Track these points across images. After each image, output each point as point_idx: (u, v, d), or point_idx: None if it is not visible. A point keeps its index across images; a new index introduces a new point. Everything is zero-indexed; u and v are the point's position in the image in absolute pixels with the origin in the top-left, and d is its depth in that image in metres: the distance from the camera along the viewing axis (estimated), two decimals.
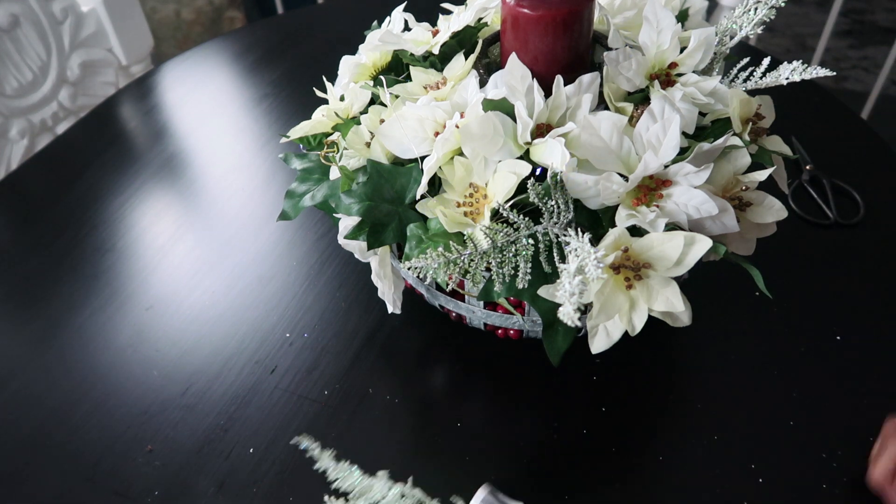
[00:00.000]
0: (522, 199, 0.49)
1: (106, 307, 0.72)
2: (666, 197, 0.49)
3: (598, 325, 0.49)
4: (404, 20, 0.63)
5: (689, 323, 0.49)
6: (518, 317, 0.59)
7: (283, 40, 1.09)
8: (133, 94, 1.00)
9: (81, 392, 0.65)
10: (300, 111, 0.95)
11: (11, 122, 1.05)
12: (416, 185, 0.53)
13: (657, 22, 0.54)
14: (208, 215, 0.82)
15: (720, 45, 0.57)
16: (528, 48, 0.53)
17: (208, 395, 0.64)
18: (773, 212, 0.53)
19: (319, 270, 0.74)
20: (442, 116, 0.53)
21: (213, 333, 0.69)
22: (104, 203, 0.84)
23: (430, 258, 0.46)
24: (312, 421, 0.62)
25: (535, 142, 0.50)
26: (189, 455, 0.60)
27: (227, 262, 0.76)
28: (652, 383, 0.64)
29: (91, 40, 1.11)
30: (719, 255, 0.49)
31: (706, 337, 0.66)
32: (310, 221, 0.79)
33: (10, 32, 1.01)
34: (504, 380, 0.64)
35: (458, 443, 0.60)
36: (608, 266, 0.46)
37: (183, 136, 0.93)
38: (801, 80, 0.54)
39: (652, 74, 0.54)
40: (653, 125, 0.49)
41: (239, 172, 0.87)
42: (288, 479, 0.58)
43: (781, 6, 0.56)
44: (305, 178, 0.61)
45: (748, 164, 0.52)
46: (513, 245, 0.47)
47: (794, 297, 0.69)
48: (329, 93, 0.63)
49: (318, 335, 0.68)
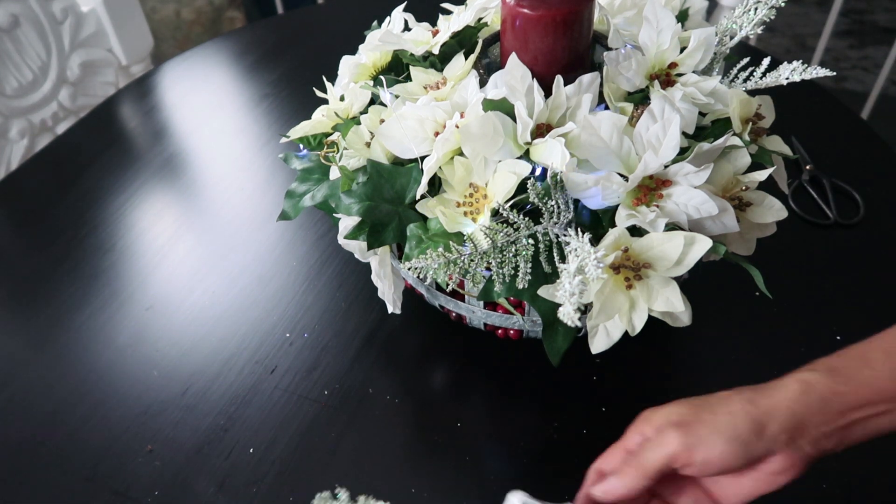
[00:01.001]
0: (522, 199, 0.49)
1: (106, 307, 0.72)
2: (666, 197, 0.49)
3: (598, 325, 0.49)
4: (404, 20, 0.63)
5: (689, 323, 0.49)
6: (518, 317, 0.59)
7: (283, 40, 1.09)
8: (133, 94, 1.00)
9: (81, 392, 0.65)
10: (300, 111, 0.95)
11: (11, 122, 1.05)
12: (416, 185, 0.53)
13: (657, 22, 0.54)
14: (208, 215, 0.82)
15: (720, 45, 0.57)
16: (528, 48, 0.53)
17: (208, 395, 0.64)
18: (773, 212, 0.53)
19: (319, 270, 0.74)
20: (442, 116, 0.53)
21: (213, 333, 0.69)
22: (104, 203, 0.84)
23: (430, 258, 0.46)
24: (312, 421, 0.62)
25: (535, 142, 0.50)
26: (189, 455, 0.60)
27: (227, 262, 0.76)
28: (652, 383, 0.64)
29: (91, 40, 1.11)
30: (719, 255, 0.49)
31: (706, 337, 0.66)
32: (310, 221, 0.79)
33: (10, 32, 1.01)
34: (504, 380, 0.64)
35: (458, 443, 0.60)
36: (608, 266, 0.46)
37: (183, 136, 0.93)
38: (801, 80, 0.54)
39: (652, 74, 0.54)
40: (653, 125, 0.49)
41: (239, 172, 0.87)
42: (288, 479, 0.58)
43: (781, 6, 0.56)
44: (305, 178, 0.61)
45: (748, 164, 0.52)
46: (513, 245, 0.47)
47: (794, 297, 0.69)
48: (329, 93, 0.63)
49: (318, 335, 0.68)
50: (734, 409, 0.42)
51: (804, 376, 0.43)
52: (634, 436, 0.46)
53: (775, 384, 0.43)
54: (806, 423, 0.42)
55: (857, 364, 0.43)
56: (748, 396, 0.43)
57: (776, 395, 0.42)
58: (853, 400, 0.42)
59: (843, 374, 0.43)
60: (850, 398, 0.42)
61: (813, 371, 0.43)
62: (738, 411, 0.42)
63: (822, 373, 0.43)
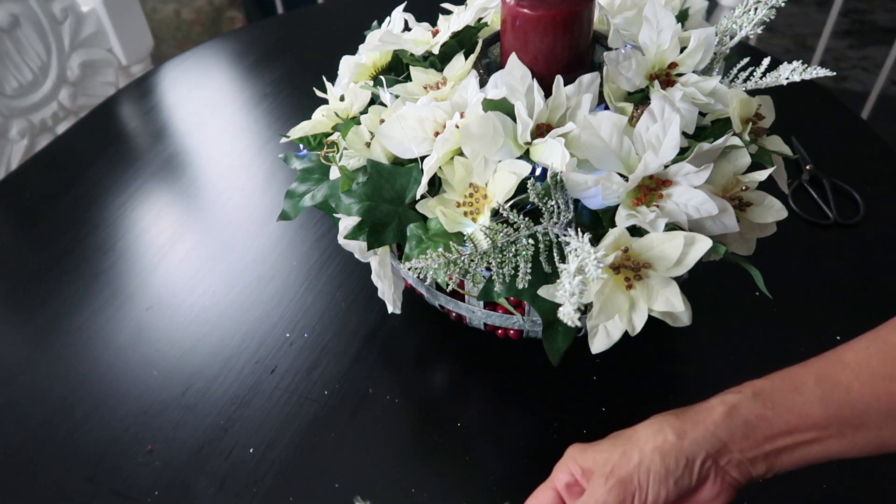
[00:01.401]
0: (522, 199, 0.49)
1: (106, 307, 0.72)
2: (666, 197, 0.49)
3: (598, 325, 0.49)
4: (404, 20, 0.63)
5: (689, 323, 0.49)
6: (518, 317, 0.59)
7: (283, 40, 1.09)
8: (133, 94, 1.00)
9: (81, 392, 0.65)
10: (300, 111, 0.95)
11: (11, 122, 1.05)
12: (416, 185, 0.53)
13: (657, 22, 0.54)
14: (208, 215, 0.82)
15: (720, 45, 0.57)
16: (528, 48, 0.53)
17: (208, 395, 0.64)
18: (773, 212, 0.53)
19: (319, 270, 0.74)
20: (442, 116, 0.53)
21: (213, 333, 0.69)
22: (104, 203, 0.84)
23: (430, 258, 0.46)
24: (312, 421, 0.62)
25: (535, 142, 0.50)
26: (189, 455, 0.60)
27: (227, 262, 0.76)
28: (652, 383, 0.64)
29: (91, 40, 1.11)
30: (719, 255, 0.49)
31: (706, 337, 0.66)
32: (310, 221, 0.79)
33: (10, 32, 1.01)
34: (504, 380, 0.64)
35: (458, 443, 0.60)
36: (608, 266, 0.46)
37: (183, 136, 0.93)
38: (801, 80, 0.54)
39: (652, 74, 0.54)
40: (653, 125, 0.49)
41: (239, 172, 0.87)
42: (288, 479, 0.58)
43: (781, 6, 0.56)
44: (305, 178, 0.61)
45: (748, 164, 0.52)
46: (513, 245, 0.47)
47: (794, 297, 0.69)
48: (329, 93, 0.63)
49: (318, 335, 0.68)
50: (663, 446, 0.41)
51: (729, 398, 0.42)
52: (562, 475, 0.46)
53: (700, 407, 0.43)
54: (729, 446, 0.41)
55: (785, 388, 0.42)
56: (675, 427, 0.42)
57: (701, 420, 0.42)
58: (779, 426, 0.41)
59: (770, 399, 0.41)
60: (776, 424, 0.41)
61: (738, 393, 0.42)
62: (669, 449, 0.41)
63: (747, 396, 0.42)
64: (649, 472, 0.41)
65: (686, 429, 0.42)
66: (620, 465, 0.42)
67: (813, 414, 0.41)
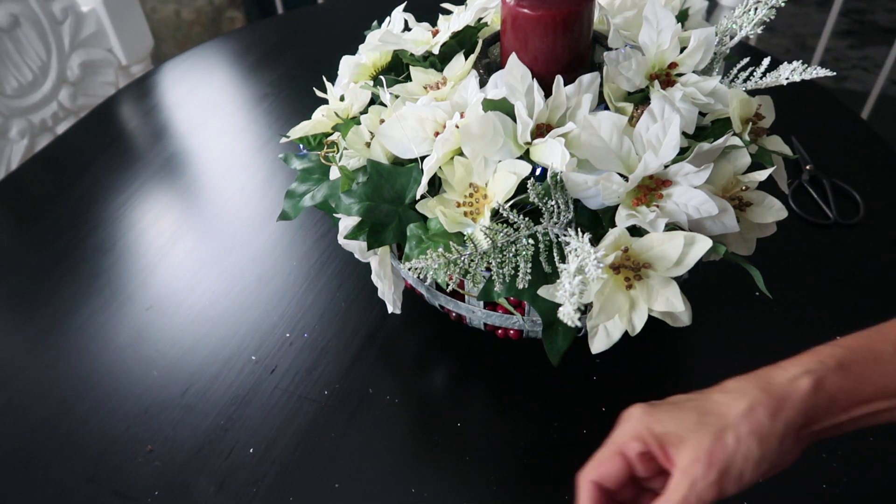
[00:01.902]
0: (522, 199, 0.49)
1: (106, 307, 0.72)
2: (666, 197, 0.49)
3: (598, 325, 0.49)
4: (404, 20, 0.63)
5: (689, 323, 0.49)
6: (518, 317, 0.59)
7: (283, 40, 1.09)
8: (133, 94, 1.00)
9: (81, 392, 0.65)
10: (300, 111, 0.95)
11: (11, 122, 1.05)
12: (416, 185, 0.53)
13: (657, 22, 0.54)
14: (208, 215, 0.82)
15: (720, 45, 0.57)
16: (528, 48, 0.53)
17: (208, 395, 0.64)
18: (773, 212, 0.53)
19: (319, 270, 0.74)
20: (442, 116, 0.53)
21: (213, 333, 0.69)
22: (104, 203, 0.84)
23: (430, 258, 0.46)
24: (312, 421, 0.62)
25: (535, 142, 0.50)
26: (189, 455, 0.60)
27: (227, 263, 0.76)
28: (652, 383, 0.64)
29: (91, 40, 1.11)
30: (719, 255, 0.49)
31: (706, 337, 0.66)
32: (310, 221, 0.79)
33: (10, 32, 1.01)
34: (504, 380, 0.64)
35: (458, 443, 0.60)
36: (608, 266, 0.46)
37: (183, 136, 0.93)
38: (801, 80, 0.54)
39: (652, 74, 0.54)
40: (653, 125, 0.49)
41: (239, 172, 0.87)
42: (288, 479, 0.58)
43: (781, 6, 0.56)
44: (305, 178, 0.61)
45: (748, 164, 0.52)
46: (513, 245, 0.47)
47: (794, 297, 0.69)
48: (329, 93, 0.63)
49: (318, 335, 0.68)
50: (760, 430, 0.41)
51: (814, 368, 0.42)
52: (634, 442, 0.44)
53: (783, 376, 0.42)
54: (813, 419, 0.41)
55: (866, 358, 0.42)
56: (766, 405, 0.41)
57: (789, 397, 0.41)
58: (858, 397, 0.41)
59: (852, 371, 0.42)
60: (856, 396, 0.41)
61: (822, 363, 0.42)
62: (765, 434, 0.41)
63: (831, 368, 0.42)
64: (747, 460, 0.41)
65: (777, 407, 0.41)
66: (717, 451, 0.41)
67: (891, 385, 0.41)
